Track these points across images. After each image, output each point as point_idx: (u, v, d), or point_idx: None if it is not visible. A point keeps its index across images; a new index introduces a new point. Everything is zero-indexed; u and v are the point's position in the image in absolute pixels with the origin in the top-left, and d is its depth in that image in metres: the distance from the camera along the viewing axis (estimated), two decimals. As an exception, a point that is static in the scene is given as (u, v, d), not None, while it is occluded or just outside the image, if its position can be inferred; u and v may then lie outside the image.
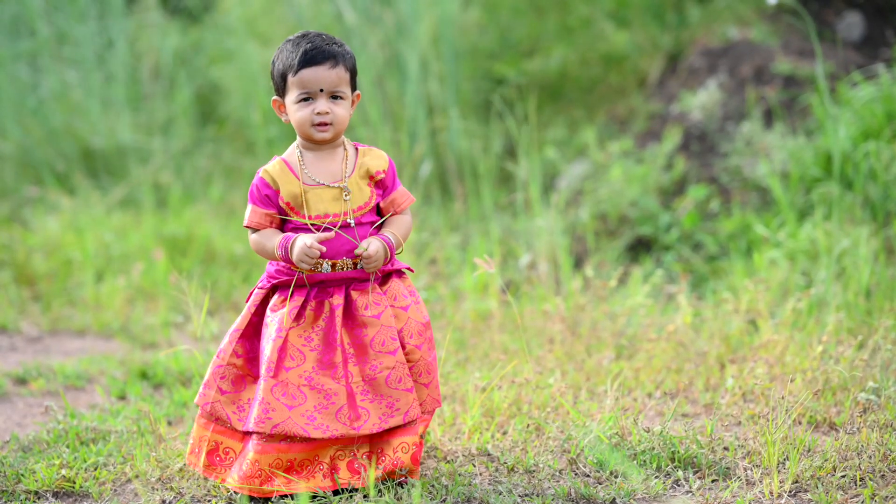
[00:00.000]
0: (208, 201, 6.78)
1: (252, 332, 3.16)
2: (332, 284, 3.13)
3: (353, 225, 3.12)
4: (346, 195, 3.12)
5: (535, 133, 5.83)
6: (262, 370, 3.08)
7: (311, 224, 3.10)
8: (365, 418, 3.08)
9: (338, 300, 3.12)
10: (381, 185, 3.19)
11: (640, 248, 5.59)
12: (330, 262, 3.11)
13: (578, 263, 5.51)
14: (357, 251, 3.08)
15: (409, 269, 3.24)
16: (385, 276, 3.19)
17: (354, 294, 3.13)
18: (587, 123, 6.55)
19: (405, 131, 6.33)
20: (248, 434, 3.11)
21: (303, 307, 3.12)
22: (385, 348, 3.12)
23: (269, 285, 3.17)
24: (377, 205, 3.19)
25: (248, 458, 3.08)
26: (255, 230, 3.15)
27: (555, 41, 6.89)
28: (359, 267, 3.13)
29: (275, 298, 3.16)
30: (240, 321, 3.17)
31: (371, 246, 3.09)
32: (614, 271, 5.07)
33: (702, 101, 6.09)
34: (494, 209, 6.07)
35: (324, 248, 3.05)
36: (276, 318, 3.11)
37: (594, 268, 5.25)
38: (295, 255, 3.05)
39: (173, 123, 7.54)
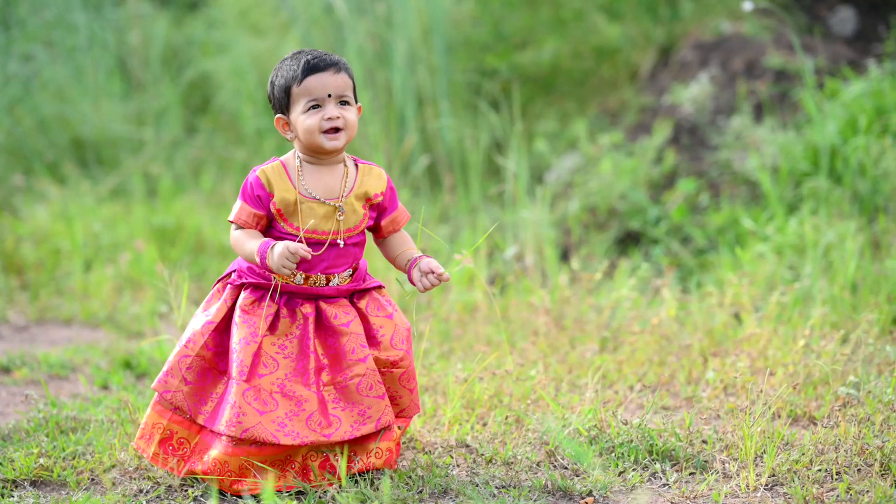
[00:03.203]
0: (199, 192, 6.78)
1: (224, 326, 3.14)
2: (301, 296, 3.12)
3: (342, 245, 3.11)
4: (339, 215, 3.10)
5: (523, 126, 5.82)
6: (234, 372, 3.06)
7: (303, 236, 3.07)
8: (336, 426, 3.08)
9: (308, 309, 3.11)
10: (378, 207, 3.17)
11: (629, 241, 5.59)
12: (303, 275, 3.10)
13: (567, 256, 5.50)
14: (444, 279, 3.12)
15: (381, 285, 3.23)
16: (363, 292, 3.19)
17: (324, 305, 3.12)
18: (579, 116, 6.54)
19: (395, 123, 6.32)
20: (204, 427, 3.11)
21: (276, 316, 3.11)
22: (355, 356, 3.11)
23: (239, 282, 3.15)
24: (371, 225, 3.19)
25: (212, 456, 3.07)
26: (240, 227, 3.13)
27: (547, 34, 6.88)
28: (331, 284, 3.12)
29: (244, 297, 3.12)
30: (214, 313, 3.14)
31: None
32: (601, 264, 5.07)
33: (693, 94, 6.08)
34: (484, 201, 6.07)
35: (308, 255, 3.02)
36: (249, 323, 3.09)
37: (582, 260, 5.25)
38: (275, 259, 2.99)
39: (165, 114, 7.54)
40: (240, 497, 3.08)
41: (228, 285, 3.16)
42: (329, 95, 3.06)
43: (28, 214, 6.37)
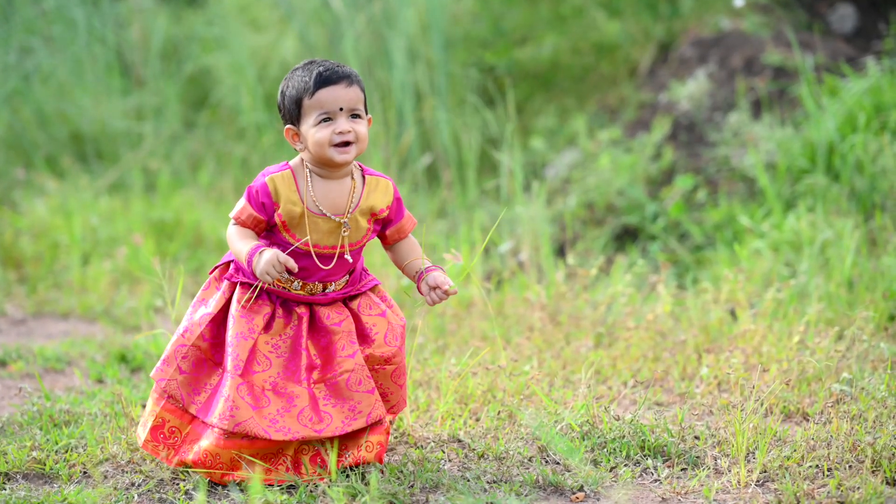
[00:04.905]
0: (197, 187, 6.78)
1: (222, 317, 3.15)
2: (296, 302, 3.14)
3: (350, 260, 3.11)
4: (344, 231, 3.11)
5: (522, 122, 5.82)
6: (229, 366, 3.07)
7: (300, 246, 3.08)
8: (328, 422, 3.09)
9: (302, 310, 3.14)
10: (383, 220, 3.18)
11: (626, 237, 5.59)
12: (301, 283, 3.11)
13: (564, 252, 5.50)
14: (451, 293, 3.12)
15: (376, 284, 3.24)
16: (356, 294, 3.20)
17: (318, 306, 3.14)
18: (578, 112, 6.54)
19: (393, 119, 6.32)
20: (195, 417, 3.12)
21: (272, 316, 3.12)
22: (344, 353, 3.12)
23: (236, 279, 3.15)
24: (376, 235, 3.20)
25: (202, 447, 3.08)
26: (237, 224, 3.12)
27: (547, 30, 6.88)
28: (327, 291, 3.13)
29: (240, 293, 3.13)
30: (212, 305, 3.15)
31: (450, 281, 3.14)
32: (597, 260, 5.07)
33: (691, 90, 6.07)
34: (482, 197, 6.07)
35: (295, 268, 3.01)
36: (247, 318, 3.10)
37: (580, 256, 5.24)
38: (262, 265, 2.98)
39: (164, 109, 7.53)
40: (229, 487, 3.08)
41: (226, 280, 3.17)
42: (341, 109, 3.04)
43: (27, 208, 6.38)
